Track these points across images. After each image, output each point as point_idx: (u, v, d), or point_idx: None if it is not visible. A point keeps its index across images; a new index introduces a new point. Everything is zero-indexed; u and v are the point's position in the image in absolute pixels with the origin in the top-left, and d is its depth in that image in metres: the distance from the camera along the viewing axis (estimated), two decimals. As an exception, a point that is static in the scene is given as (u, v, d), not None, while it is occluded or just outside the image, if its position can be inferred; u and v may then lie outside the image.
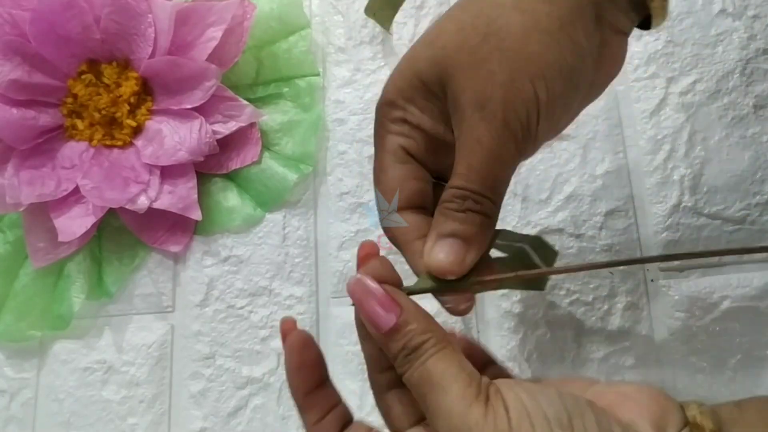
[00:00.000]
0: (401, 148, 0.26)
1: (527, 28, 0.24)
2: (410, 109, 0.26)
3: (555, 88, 0.24)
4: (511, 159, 0.24)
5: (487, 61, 0.24)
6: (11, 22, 0.41)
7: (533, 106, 0.24)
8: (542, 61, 0.24)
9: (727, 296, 0.38)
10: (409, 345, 0.22)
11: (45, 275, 0.43)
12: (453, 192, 0.24)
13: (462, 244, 0.24)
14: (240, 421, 0.39)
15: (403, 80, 0.26)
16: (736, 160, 0.40)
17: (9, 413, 0.41)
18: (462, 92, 0.24)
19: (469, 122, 0.24)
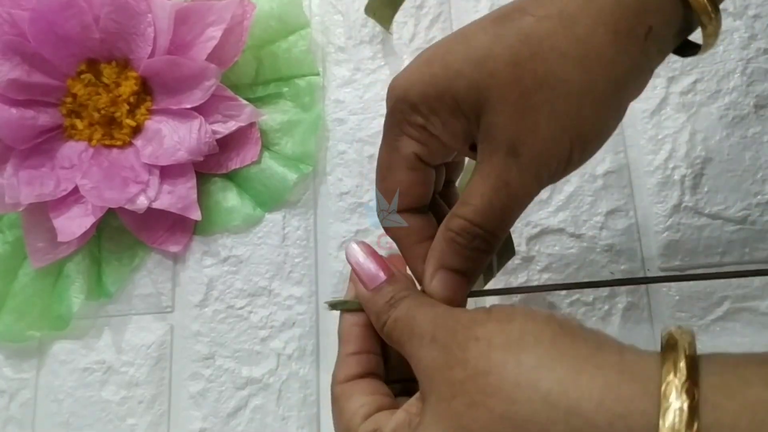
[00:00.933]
0: (415, 156, 0.26)
1: (585, 89, 0.23)
2: (433, 120, 0.25)
3: (590, 150, 0.25)
4: (529, 202, 0.25)
5: (535, 111, 0.23)
6: (10, 21, 0.41)
7: (564, 163, 0.24)
8: (588, 126, 0.24)
9: (727, 296, 0.38)
10: (396, 296, 0.25)
11: (44, 275, 0.42)
12: (464, 225, 0.24)
13: (461, 280, 0.25)
14: (240, 421, 0.39)
15: (432, 88, 0.24)
16: (736, 160, 0.40)
17: (8, 413, 0.41)
18: (500, 129, 0.24)
19: (500, 162, 0.24)
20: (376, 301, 0.25)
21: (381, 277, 0.25)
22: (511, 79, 0.23)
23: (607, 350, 0.20)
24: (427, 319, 0.23)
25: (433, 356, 0.22)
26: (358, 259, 0.26)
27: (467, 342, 0.21)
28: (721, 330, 0.37)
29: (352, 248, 0.27)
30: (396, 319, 0.24)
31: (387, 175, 0.27)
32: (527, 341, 0.20)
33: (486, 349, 0.20)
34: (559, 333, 0.20)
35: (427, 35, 0.45)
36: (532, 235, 0.40)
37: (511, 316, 0.21)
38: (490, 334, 0.21)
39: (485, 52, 0.24)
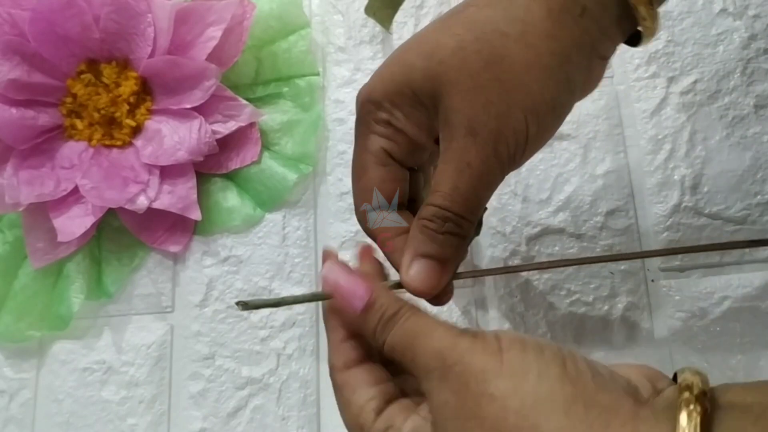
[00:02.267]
0: (383, 150, 0.27)
1: (529, 63, 0.24)
2: (396, 114, 0.26)
3: (545, 123, 0.25)
4: (495, 184, 0.26)
5: (486, 90, 0.24)
6: (10, 21, 0.41)
7: (522, 138, 0.25)
8: (538, 98, 0.25)
9: (727, 296, 0.38)
10: (386, 314, 0.24)
11: (44, 275, 0.42)
12: (434, 211, 0.25)
13: (438, 265, 0.25)
14: (240, 421, 0.39)
15: (392, 84, 0.26)
16: (736, 160, 0.40)
17: (8, 413, 0.41)
18: (456, 113, 0.25)
19: (459, 144, 0.25)
20: (368, 323, 0.24)
21: (363, 296, 0.24)
22: (459, 64, 0.25)
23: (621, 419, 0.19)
24: (430, 354, 0.22)
25: (445, 400, 0.22)
26: (335, 283, 0.25)
27: (481, 398, 0.21)
28: (721, 330, 0.37)
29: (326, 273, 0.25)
30: (393, 345, 0.24)
31: (361, 174, 0.28)
32: (542, 408, 0.20)
33: (501, 411, 0.20)
34: (572, 399, 0.20)
35: (427, 35, 0.45)
36: (532, 235, 0.40)
37: (525, 372, 0.21)
38: (505, 394, 0.20)
39: (435, 43, 0.25)
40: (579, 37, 0.25)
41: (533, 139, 0.25)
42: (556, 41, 0.25)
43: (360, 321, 0.25)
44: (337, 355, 0.26)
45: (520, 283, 0.39)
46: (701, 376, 0.20)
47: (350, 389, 0.25)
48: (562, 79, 0.25)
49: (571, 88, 0.26)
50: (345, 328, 0.26)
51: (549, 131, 0.26)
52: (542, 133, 0.26)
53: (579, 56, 0.25)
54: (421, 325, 0.23)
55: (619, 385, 0.21)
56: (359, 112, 0.28)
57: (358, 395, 0.24)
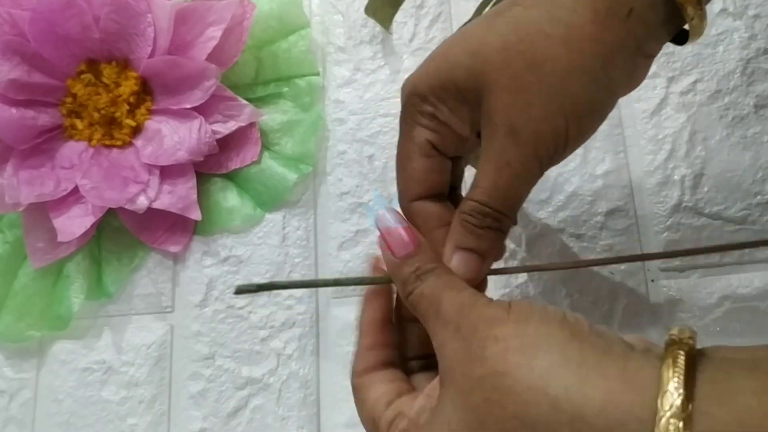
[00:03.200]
0: (428, 142, 0.28)
1: (572, 66, 0.25)
2: (441, 108, 0.27)
3: (585, 125, 0.26)
4: (533, 182, 0.26)
5: (527, 92, 0.25)
6: (10, 21, 0.41)
7: (562, 139, 0.25)
8: (579, 100, 0.25)
9: (727, 297, 0.38)
10: (424, 266, 0.25)
11: (44, 275, 0.42)
12: (474, 206, 0.26)
13: (478, 258, 0.26)
14: (240, 421, 0.39)
15: (437, 79, 0.27)
16: (736, 160, 0.40)
17: (8, 413, 0.41)
18: (497, 112, 0.25)
19: (500, 143, 0.25)
20: (404, 270, 0.26)
21: (410, 245, 0.26)
22: (502, 64, 0.25)
23: (612, 357, 0.21)
24: (453, 305, 0.24)
25: (455, 347, 0.23)
26: (388, 225, 0.26)
27: (486, 340, 0.22)
28: (721, 330, 0.37)
29: (383, 215, 0.27)
30: (422, 294, 0.25)
31: (405, 164, 0.28)
32: (540, 346, 0.21)
33: (503, 350, 0.22)
34: (570, 338, 0.21)
35: (427, 35, 0.45)
36: (533, 235, 0.40)
37: (528, 318, 0.22)
38: (508, 336, 0.22)
39: (479, 41, 0.26)
40: (624, 38, 0.25)
41: (573, 140, 0.26)
42: (601, 44, 0.25)
43: (397, 266, 0.26)
44: (359, 361, 0.27)
45: (520, 284, 0.40)
46: (690, 331, 0.22)
47: (365, 389, 0.26)
48: (603, 81, 0.25)
49: (612, 90, 0.26)
50: (375, 336, 0.27)
51: (589, 132, 0.27)
52: (582, 134, 0.26)
53: (623, 58, 0.25)
54: (453, 281, 0.25)
55: (613, 335, 0.22)
56: (404, 104, 0.28)
57: (372, 392, 0.26)
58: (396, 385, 0.26)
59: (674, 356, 0.20)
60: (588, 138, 0.27)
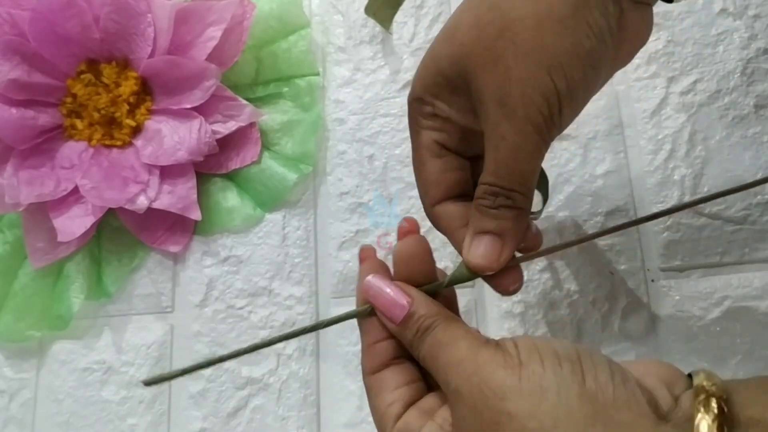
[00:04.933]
0: (435, 143, 0.27)
1: (540, 18, 0.23)
2: (438, 104, 0.27)
3: (574, 75, 0.24)
4: (536, 150, 0.25)
5: (503, 57, 0.24)
6: (10, 21, 0.41)
7: (554, 96, 0.24)
8: (558, 50, 0.23)
9: (727, 296, 0.38)
10: (422, 326, 0.24)
11: (44, 275, 0.42)
12: (484, 188, 0.25)
13: (497, 240, 0.25)
14: (239, 421, 0.39)
15: (427, 77, 0.26)
16: (736, 160, 0.40)
17: (8, 413, 0.41)
18: (483, 89, 0.24)
19: (492, 119, 0.24)
20: (406, 335, 0.25)
21: (403, 307, 0.25)
22: (476, 39, 0.24)
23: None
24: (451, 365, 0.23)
25: (464, 414, 0.22)
26: (375, 294, 0.26)
27: (500, 416, 0.21)
28: (721, 330, 0.37)
29: (368, 284, 0.26)
30: (424, 357, 0.24)
31: (420, 170, 0.28)
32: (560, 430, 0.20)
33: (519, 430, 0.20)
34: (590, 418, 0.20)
35: (427, 35, 0.45)
36: (532, 235, 0.40)
37: (544, 391, 0.21)
38: (522, 414, 0.20)
39: (454, 25, 0.26)
40: None
41: (567, 96, 0.24)
42: None
43: (399, 333, 0.25)
44: (367, 359, 0.26)
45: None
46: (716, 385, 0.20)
47: (375, 393, 0.25)
48: (579, 26, 0.24)
49: (595, 33, 0.24)
50: (376, 331, 0.26)
51: (584, 83, 0.25)
52: (575, 88, 0.24)
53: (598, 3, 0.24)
54: (448, 336, 0.24)
55: (638, 400, 0.20)
56: (408, 113, 0.28)
57: (381, 400, 0.25)
58: (404, 391, 0.25)
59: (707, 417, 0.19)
60: (586, 94, 0.25)
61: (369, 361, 0.26)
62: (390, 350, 0.26)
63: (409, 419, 0.24)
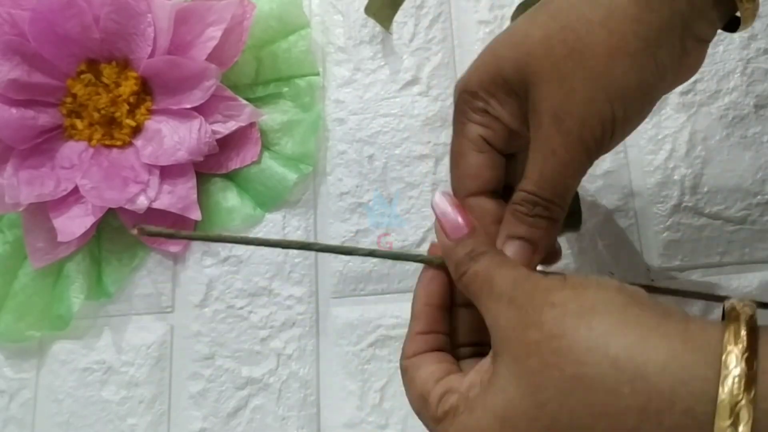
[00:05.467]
0: (481, 138, 0.28)
1: (612, 49, 0.24)
2: (492, 102, 0.27)
3: (632, 108, 0.25)
4: (581, 170, 0.26)
5: (570, 78, 0.25)
6: (10, 21, 0.41)
7: (609, 124, 0.25)
8: (623, 83, 0.25)
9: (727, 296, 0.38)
10: (478, 248, 0.25)
11: (44, 275, 0.42)
12: (524, 196, 0.26)
13: (530, 247, 0.26)
14: (240, 421, 0.39)
15: (486, 75, 0.27)
16: (736, 160, 0.40)
17: (8, 413, 0.41)
18: (542, 101, 0.25)
19: (546, 132, 0.25)
20: (457, 252, 0.26)
21: (464, 228, 0.26)
22: (544, 53, 0.25)
23: (673, 319, 0.21)
24: (507, 280, 0.24)
25: (509, 317, 0.23)
26: (443, 209, 0.27)
27: (543, 306, 0.22)
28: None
29: (439, 198, 0.27)
30: (476, 273, 0.25)
31: (458, 161, 0.29)
32: (599, 309, 0.21)
33: (560, 314, 0.22)
34: (629, 302, 0.21)
35: (427, 35, 0.45)
36: (532, 235, 0.40)
37: (585, 285, 0.22)
38: (565, 301, 0.22)
39: (523, 34, 0.26)
40: (669, 19, 0.25)
41: (620, 124, 0.25)
42: (642, 25, 0.24)
43: (451, 248, 0.26)
44: (410, 345, 0.27)
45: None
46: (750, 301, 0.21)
47: (414, 368, 0.26)
48: (648, 63, 0.25)
49: (659, 72, 0.25)
50: (428, 321, 0.27)
51: (638, 115, 0.26)
52: (630, 119, 0.26)
53: (669, 39, 0.25)
54: (507, 261, 0.25)
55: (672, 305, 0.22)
56: (456, 103, 0.29)
57: (422, 371, 0.26)
58: (445, 365, 0.26)
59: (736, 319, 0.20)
60: (638, 123, 0.27)
61: (412, 346, 0.27)
62: (435, 342, 0.27)
63: (451, 379, 0.25)
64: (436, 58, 0.44)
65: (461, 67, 0.44)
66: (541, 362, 0.21)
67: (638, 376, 0.19)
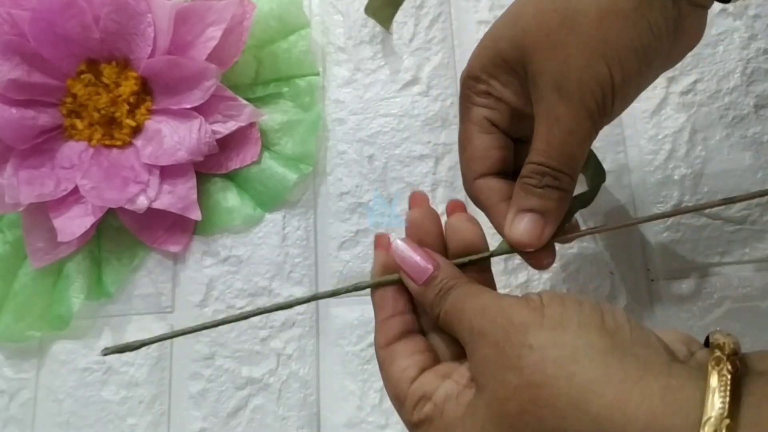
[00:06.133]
0: (486, 120, 0.28)
1: (603, 11, 0.25)
2: (493, 84, 0.28)
3: (629, 69, 0.25)
4: (587, 136, 0.26)
5: (564, 44, 0.25)
6: (10, 21, 0.41)
7: (608, 86, 0.25)
8: (617, 44, 0.25)
9: (727, 296, 0.38)
10: (446, 285, 0.25)
11: (44, 275, 0.42)
12: (532, 168, 0.26)
13: (540, 218, 0.27)
14: (239, 421, 0.39)
15: (486, 57, 0.28)
16: (736, 160, 0.40)
17: (8, 413, 0.41)
18: (541, 73, 0.26)
19: (547, 102, 0.25)
20: (428, 295, 0.26)
21: (428, 269, 0.26)
22: (538, 26, 0.26)
23: (654, 372, 0.20)
24: (476, 312, 0.24)
25: (485, 353, 0.22)
26: (402, 255, 0.27)
27: (521, 348, 0.21)
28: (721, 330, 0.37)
29: (396, 245, 0.27)
30: (446, 312, 0.25)
31: (466, 145, 0.29)
32: (579, 358, 0.21)
33: (540, 361, 0.21)
34: (609, 348, 0.21)
35: (427, 35, 0.45)
36: (532, 235, 0.40)
37: (564, 324, 0.22)
38: (544, 344, 0.21)
39: (517, 12, 0.27)
40: None
41: (620, 87, 0.25)
42: None
43: (421, 293, 0.26)
44: (381, 333, 0.27)
45: (520, 283, 0.40)
46: (732, 338, 0.21)
47: (389, 363, 0.26)
48: (640, 22, 0.25)
49: (653, 31, 0.25)
50: (390, 306, 0.27)
51: (638, 77, 0.26)
52: (628, 81, 0.26)
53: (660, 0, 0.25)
54: (473, 290, 0.25)
55: (654, 342, 0.21)
56: (461, 89, 0.29)
57: (395, 367, 0.26)
58: (418, 357, 0.26)
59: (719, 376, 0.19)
60: (641, 86, 0.27)
61: (383, 334, 0.27)
62: (402, 324, 0.27)
63: (425, 380, 0.25)
64: (436, 58, 0.45)
65: (461, 67, 0.44)
66: (520, 409, 0.21)
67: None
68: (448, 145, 0.42)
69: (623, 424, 0.19)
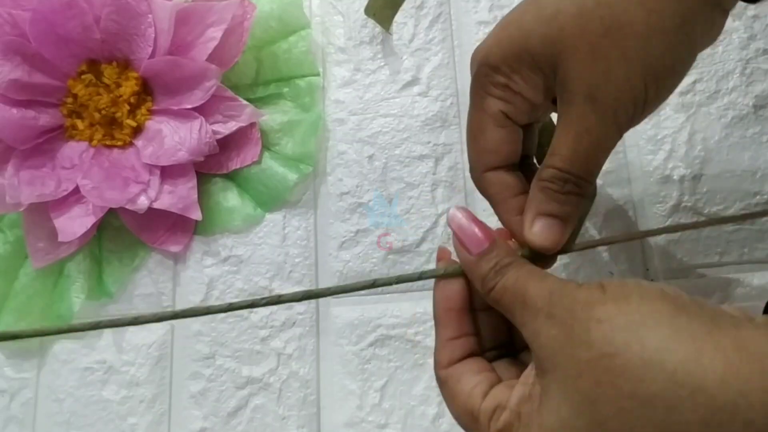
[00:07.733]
0: (501, 113, 0.28)
1: (650, 28, 0.24)
2: (514, 78, 0.27)
3: (665, 88, 0.26)
4: (612, 147, 0.26)
5: (606, 57, 0.24)
6: (11, 22, 0.41)
7: (641, 103, 0.25)
8: (659, 63, 0.25)
9: (726, 297, 0.38)
10: (502, 261, 0.25)
11: (45, 275, 0.43)
12: (554, 173, 0.26)
13: (561, 224, 0.26)
14: (240, 421, 0.39)
15: (510, 49, 0.26)
16: (736, 160, 0.40)
17: (9, 413, 0.41)
18: (575, 79, 0.25)
19: (579, 110, 0.25)
20: (482, 266, 0.25)
21: (484, 242, 0.26)
22: (579, 30, 0.25)
23: (723, 326, 0.20)
24: (541, 292, 0.23)
25: (553, 334, 0.22)
26: (460, 224, 0.26)
27: (589, 323, 0.22)
28: None
29: (454, 213, 0.27)
30: (505, 288, 0.25)
31: (478, 136, 0.28)
32: (647, 323, 0.21)
33: (609, 331, 0.21)
34: (674, 312, 0.21)
35: (427, 36, 0.45)
36: (532, 235, 0.40)
37: (627, 296, 0.22)
38: (611, 316, 0.21)
39: (554, 9, 0.25)
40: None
41: (651, 102, 0.26)
42: (679, 2, 0.24)
43: (474, 263, 0.26)
44: (443, 352, 0.27)
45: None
46: None
47: (455, 380, 0.26)
48: (684, 41, 0.25)
49: (692, 48, 0.26)
50: (455, 326, 0.27)
51: (669, 92, 0.26)
52: (661, 96, 0.26)
53: (702, 15, 0.25)
54: (535, 271, 0.25)
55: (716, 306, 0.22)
56: (475, 75, 0.28)
57: (463, 383, 0.25)
58: (485, 375, 0.25)
59: None
60: (666, 98, 0.27)
61: (446, 354, 0.26)
62: (468, 345, 0.27)
63: (496, 393, 0.24)
64: (435, 58, 0.45)
65: (461, 67, 0.44)
66: (595, 381, 0.21)
67: (698, 389, 0.19)
68: (448, 145, 0.43)
69: (701, 376, 0.19)
